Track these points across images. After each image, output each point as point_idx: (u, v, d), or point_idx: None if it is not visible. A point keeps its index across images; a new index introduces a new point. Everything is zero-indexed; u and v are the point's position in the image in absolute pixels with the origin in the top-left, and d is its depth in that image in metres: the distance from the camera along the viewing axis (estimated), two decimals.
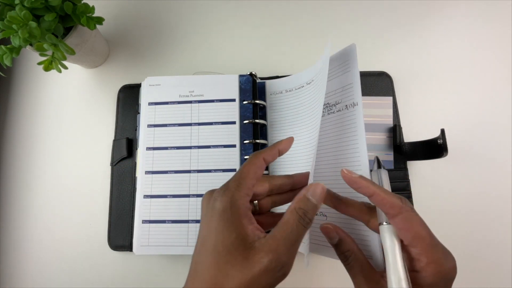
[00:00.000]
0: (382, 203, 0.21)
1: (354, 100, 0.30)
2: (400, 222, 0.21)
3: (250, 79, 0.40)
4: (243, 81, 0.40)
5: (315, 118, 0.35)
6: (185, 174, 0.38)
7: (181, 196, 0.37)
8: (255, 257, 0.18)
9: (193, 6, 0.48)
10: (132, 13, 0.49)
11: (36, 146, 0.46)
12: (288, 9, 0.47)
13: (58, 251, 0.42)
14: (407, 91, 0.42)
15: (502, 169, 0.39)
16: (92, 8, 0.37)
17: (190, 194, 0.37)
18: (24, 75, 0.49)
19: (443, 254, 0.21)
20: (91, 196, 0.42)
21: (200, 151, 0.39)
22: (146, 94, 0.40)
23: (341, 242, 0.24)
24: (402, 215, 0.21)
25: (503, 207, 0.38)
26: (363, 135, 0.28)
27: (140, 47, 0.48)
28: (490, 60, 0.43)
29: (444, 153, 0.33)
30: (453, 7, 0.45)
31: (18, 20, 0.32)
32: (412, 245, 0.21)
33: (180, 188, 0.38)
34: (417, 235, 0.20)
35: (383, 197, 0.21)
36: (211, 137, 0.39)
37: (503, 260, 0.37)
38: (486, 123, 0.40)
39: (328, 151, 0.32)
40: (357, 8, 0.46)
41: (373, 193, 0.22)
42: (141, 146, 0.39)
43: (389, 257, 0.21)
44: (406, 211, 0.21)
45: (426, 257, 0.20)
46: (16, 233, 0.43)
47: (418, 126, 0.40)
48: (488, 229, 0.38)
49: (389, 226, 0.22)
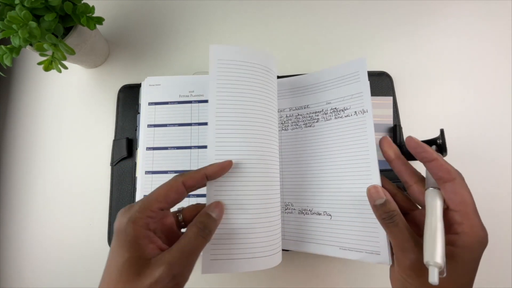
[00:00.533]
0: (441, 168, 0.24)
1: (364, 107, 0.31)
2: (452, 186, 0.23)
3: None
4: None
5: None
6: None
7: None
8: (146, 272, 0.19)
9: (193, 6, 0.48)
10: (132, 13, 0.49)
11: (36, 146, 0.46)
12: (288, 9, 0.47)
13: (58, 251, 0.42)
14: (407, 91, 0.42)
15: (502, 169, 0.39)
16: (92, 8, 0.37)
17: (190, 194, 0.37)
18: (24, 75, 0.49)
19: (480, 222, 0.22)
20: (91, 196, 0.42)
21: (200, 151, 0.39)
22: (146, 94, 0.40)
23: (386, 203, 0.25)
24: (456, 181, 0.23)
25: (503, 207, 0.38)
26: (373, 141, 0.29)
27: (140, 47, 0.48)
28: (490, 60, 0.43)
29: (444, 153, 0.33)
30: (453, 7, 0.45)
31: (18, 20, 0.32)
32: (457, 208, 0.23)
33: None
34: (464, 200, 0.23)
35: (442, 163, 0.24)
36: None
37: (503, 260, 0.37)
38: (486, 123, 0.40)
39: (334, 154, 0.33)
40: (357, 8, 0.46)
41: (435, 158, 0.24)
42: (141, 146, 0.39)
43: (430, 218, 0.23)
44: (460, 178, 0.23)
45: (467, 220, 0.22)
46: (16, 233, 0.43)
47: (418, 126, 0.40)
48: (488, 229, 0.38)
49: (437, 190, 0.24)
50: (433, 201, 0.24)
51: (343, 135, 0.33)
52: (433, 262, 0.21)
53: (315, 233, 0.32)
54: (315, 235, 0.32)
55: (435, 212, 0.23)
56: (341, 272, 0.38)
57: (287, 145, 0.37)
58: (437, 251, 0.21)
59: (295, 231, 0.35)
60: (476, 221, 0.22)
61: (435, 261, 0.21)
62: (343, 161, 0.32)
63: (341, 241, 0.31)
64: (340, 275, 0.38)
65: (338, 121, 0.33)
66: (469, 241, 0.22)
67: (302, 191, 0.36)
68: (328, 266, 0.38)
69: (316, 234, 0.32)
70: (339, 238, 0.31)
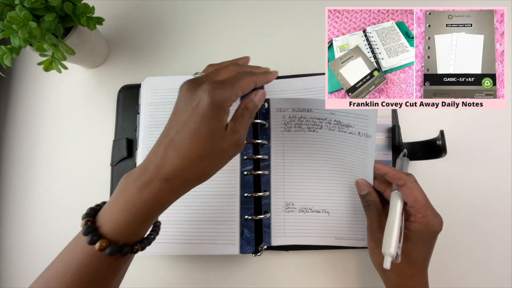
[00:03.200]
0: (394, 177, 0.30)
1: (368, 132, 0.32)
2: (406, 189, 0.29)
3: None
4: None
5: None
6: None
7: None
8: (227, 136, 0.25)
9: (193, 6, 0.48)
10: (132, 13, 0.49)
11: (36, 146, 0.46)
12: (288, 10, 0.47)
13: (58, 251, 0.42)
14: None
15: (502, 169, 0.39)
16: (92, 8, 0.37)
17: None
18: (24, 75, 0.49)
19: (432, 212, 0.29)
20: (91, 196, 0.43)
21: None
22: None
23: (368, 194, 0.33)
24: (407, 185, 0.29)
25: (503, 207, 0.38)
26: (372, 164, 0.32)
27: (140, 47, 0.48)
28: None
29: (443, 154, 0.33)
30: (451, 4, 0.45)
31: (18, 20, 0.32)
32: (411, 205, 0.29)
33: None
34: (415, 198, 0.29)
35: (393, 173, 0.31)
36: None
37: (503, 260, 0.37)
38: (486, 123, 0.41)
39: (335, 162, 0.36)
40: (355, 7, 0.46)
41: (386, 172, 0.31)
42: (141, 147, 0.39)
43: (390, 216, 0.30)
44: (410, 182, 0.29)
45: (419, 213, 0.29)
46: (16, 233, 0.43)
47: (416, 126, 0.40)
48: (487, 229, 0.38)
49: (398, 193, 0.30)
50: (394, 202, 0.30)
51: (344, 149, 0.35)
52: (388, 252, 0.28)
53: (314, 228, 0.37)
54: (314, 230, 0.37)
55: (394, 211, 0.30)
56: (341, 272, 0.38)
57: (289, 146, 0.38)
58: (392, 244, 0.28)
59: (295, 228, 0.37)
60: (427, 212, 0.29)
61: (389, 252, 0.28)
62: (342, 170, 0.36)
63: (336, 232, 0.36)
64: (339, 274, 0.38)
65: (341, 135, 0.34)
66: (418, 228, 0.29)
67: (303, 191, 0.37)
68: (327, 266, 0.38)
69: (315, 228, 0.37)
70: (335, 230, 0.36)
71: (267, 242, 0.37)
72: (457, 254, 0.37)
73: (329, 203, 0.37)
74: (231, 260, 0.39)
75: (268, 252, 0.38)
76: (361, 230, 0.36)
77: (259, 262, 0.39)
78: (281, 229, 0.37)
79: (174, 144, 0.24)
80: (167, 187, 0.24)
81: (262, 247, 0.36)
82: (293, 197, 0.37)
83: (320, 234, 0.37)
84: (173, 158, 0.24)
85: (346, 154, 0.35)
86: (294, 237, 0.37)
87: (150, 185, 0.23)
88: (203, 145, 0.24)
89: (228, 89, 0.25)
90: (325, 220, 0.37)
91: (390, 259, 0.28)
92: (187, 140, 0.24)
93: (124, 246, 0.23)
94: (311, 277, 0.38)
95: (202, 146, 0.24)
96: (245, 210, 0.36)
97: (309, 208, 0.37)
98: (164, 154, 0.24)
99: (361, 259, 0.38)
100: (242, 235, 0.36)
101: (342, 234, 0.36)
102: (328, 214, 0.36)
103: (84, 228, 0.23)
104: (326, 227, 0.36)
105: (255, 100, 0.29)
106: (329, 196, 0.37)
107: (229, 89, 0.25)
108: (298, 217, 0.37)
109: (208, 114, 0.24)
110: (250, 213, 0.36)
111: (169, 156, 0.24)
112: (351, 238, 0.36)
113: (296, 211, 0.37)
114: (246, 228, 0.36)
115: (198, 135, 0.24)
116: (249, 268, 0.39)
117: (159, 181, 0.23)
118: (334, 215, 0.36)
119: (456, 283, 0.37)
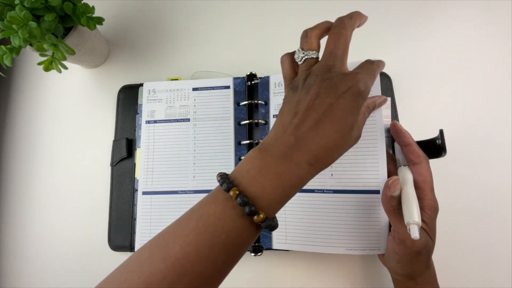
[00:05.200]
0: (414, 152, 0.30)
1: None
2: (419, 168, 0.30)
3: (243, 81, 0.41)
4: (237, 83, 0.41)
5: None
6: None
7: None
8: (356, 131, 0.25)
9: (193, 6, 0.48)
10: (132, 13, 0.49)
11: (36, 146, 0.46)
12: (288, 8, 0.47)
13: (58, 251, 0.42)
14: (406, 91, 0.42)
15: (502, 169, 0.39)
16: (92, 8, 0.37)
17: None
18: (24, 75, 0.49)
19: (434, 196, 0.30)
20: (91, 196, 0.43)
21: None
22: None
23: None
24: (422, 164, 0.30)
25: (503, 207, 0.38)
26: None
27: (140, 47, 0.48)
28: (490, 60, 0.43)
29: (443, 153, 0.33)
30: (453, 6, 0.45)
31: (18, 20, 0.32)
32: (419, 186, 0.29)
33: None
34: (426, 179, 0.29)
35: (415, 148, 0.31)
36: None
37: (503, 260, 0.37)
38: (486, 123, 0.41)
39: None
40: (356, 8, 0.46)
41: (411, 143, 0.31)
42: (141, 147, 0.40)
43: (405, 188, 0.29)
44: (426, 162, 0.30)
45: (426, 196, 0.29)
46: (16, 233, 0.43)
47: (416, 126, 0.40)
48: (488, 229, 0.38)
49: (407, 167, 0.31)
50: (406, 175, 0.30)
51: None
52: (413, 221, 0.26)
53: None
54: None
55: (408, 183, 0.29)
56: (341, 272, 0.38)
57: None
58: (414, 212, 0.27)
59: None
60: (432, 196, 0.30)
61: (414, 220, 0.26)
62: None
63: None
64: (339, 274, 0.38)
65: None
66: (429, 214, 0.29)
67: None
68: (327, 266, 0.38)
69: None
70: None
71: (268, 246, 0.36)
72: (456, 253, 0.37)
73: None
74: None
75: (268, 252, 0.38)
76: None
77: (260, 262, 0.39)
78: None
79: (318, 132, 0.23)
80: (309, 171, 0.23)
81: (263, 248, 0.36)
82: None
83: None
84: (319, 145, 0.23)
85: None
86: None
87: (298, 167, 0.23)
88: (344, 137, 0.23)
89: (371, 80, 0.25)
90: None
91: (417, 227, 0.26)
92: (333, 128, 0.23)
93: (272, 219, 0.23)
94: (311, 277, 0.38)
95: (343, 137, 0.23)
96: None
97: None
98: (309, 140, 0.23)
99: (364, 259, 0.38)
100: None
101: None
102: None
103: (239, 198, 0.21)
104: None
105: (377, 103, 0.30)
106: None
107: (371, 80, 0.25)
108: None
109: (356, 105, 0.23)
110: None
111: (314, 143, 0.23)
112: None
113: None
114: None
115: (343, 125, 0.23)
116: (249, 268, 0.39)
117: (307, 164, 0.23)
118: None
119: (456, 282, 0.37)
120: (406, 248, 0.28)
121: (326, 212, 0.34)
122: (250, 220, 0.21)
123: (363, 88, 0.23)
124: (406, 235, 0.28)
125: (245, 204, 0.21)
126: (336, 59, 0.25)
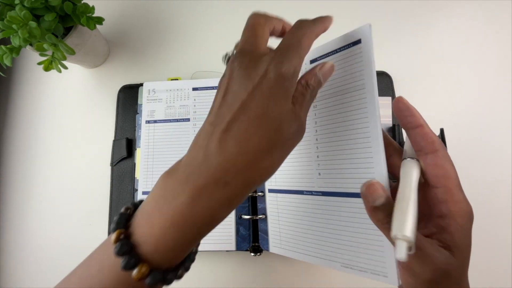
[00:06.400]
0: (425, 136, 0.21)
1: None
2: (435, 158, 0.20)
3: None
4: None
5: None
6: None
7: None
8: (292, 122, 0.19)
9: (193, 6, 0.48)
10: (132, 13, 0.49)
11: (36, 146, 0.46)
12: (288, 8, 0.47)
13: (58, 251, 0.42)
14: (407, 91, 0.42)
15: (502, 169, 0.39)
16: (92, 8, 0.37)
17: None
18: (24, 75, 0.49)
19: (465, 197, 0.20)
20: (91, 196, 0.43)
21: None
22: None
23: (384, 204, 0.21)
24: (438, 152, 0.20)
25: (503, 207, 0.38)
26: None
27: (140, 47, 0.48)
28: (490, 59, 0.43)
29: None
30: (453, 6, 0.45)
31: (18, 20, 0.32)
32: (439, 184, 0.20)
33: None
34: (447, 174, 0.20)
35: (428, 131, 0.21)
36: None
37: (503, 260, 0.37)
38: (486, 123, 0.40)
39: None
40: (356, 8, 0.46)
41: (421, 125, 0.21)
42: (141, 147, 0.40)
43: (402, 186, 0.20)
44: (444, 150, 0.20)
45: (451, 197, 0.20)
46: (16, 233, 0.43)
47: None
48: (488, 229, 0.38)
49: (414, 161, 0.21)
50: (410, 170, 0.20)
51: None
52: (402, 235, 0.17)
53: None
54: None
55: (409, 182, 0.20)
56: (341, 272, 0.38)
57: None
58: (407, 223, 0.18)
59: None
60: (461, 196, 0.20)
61: (404, 234, 0.17)
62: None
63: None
64: (339, 274, 0.38)
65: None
66: (460, 222, 0.20)
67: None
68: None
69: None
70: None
71: (265, 248, 0.35)
72: None
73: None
74: (231, 260, 0.39)
75: (268, 252, 0.38)
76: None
77: (259, 262, 0.39)
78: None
79: (231, 136, 0.18)
80: (225, 195, 0.18)
81: (261, 248, 0.36)
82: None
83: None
84: (233, 154, 0.18)
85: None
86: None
87: (205, 193, 0.18)
88: (270, 135, 0.18)
89: (295, 56, 0.19)
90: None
91: (405, 246, 0.17)
92: (250, 129, 0.18)
93: (167, 272, 0.18)
94: (312, 277, 0.38)
95: (268, 136, 0.18)
96: (240, 209, 0.37)
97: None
98: (219, 150, 0.18)
99: None
100: (238, 233, 0.37)
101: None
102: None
103: (117, 245, 0.17)
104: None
105: (320, 75, 0.22)
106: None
107: (295, 56, 0.19)
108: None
109: (277, 92, 0.18)
110: (245, 212, 0.37)
111: (227, 152, 0.18)
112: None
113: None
114: (241, 226, 0.37)
115: (265, 122, 0.18)
116: (249, 268, 0.39)
117: (216, 187, 0.18)
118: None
119: None
120: (415, 277, 0.19)
121: (317, 217, 0.28)
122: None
123: (279, 72, 0.19)
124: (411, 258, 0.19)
125: (123, 253, 0.17)
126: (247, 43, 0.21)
